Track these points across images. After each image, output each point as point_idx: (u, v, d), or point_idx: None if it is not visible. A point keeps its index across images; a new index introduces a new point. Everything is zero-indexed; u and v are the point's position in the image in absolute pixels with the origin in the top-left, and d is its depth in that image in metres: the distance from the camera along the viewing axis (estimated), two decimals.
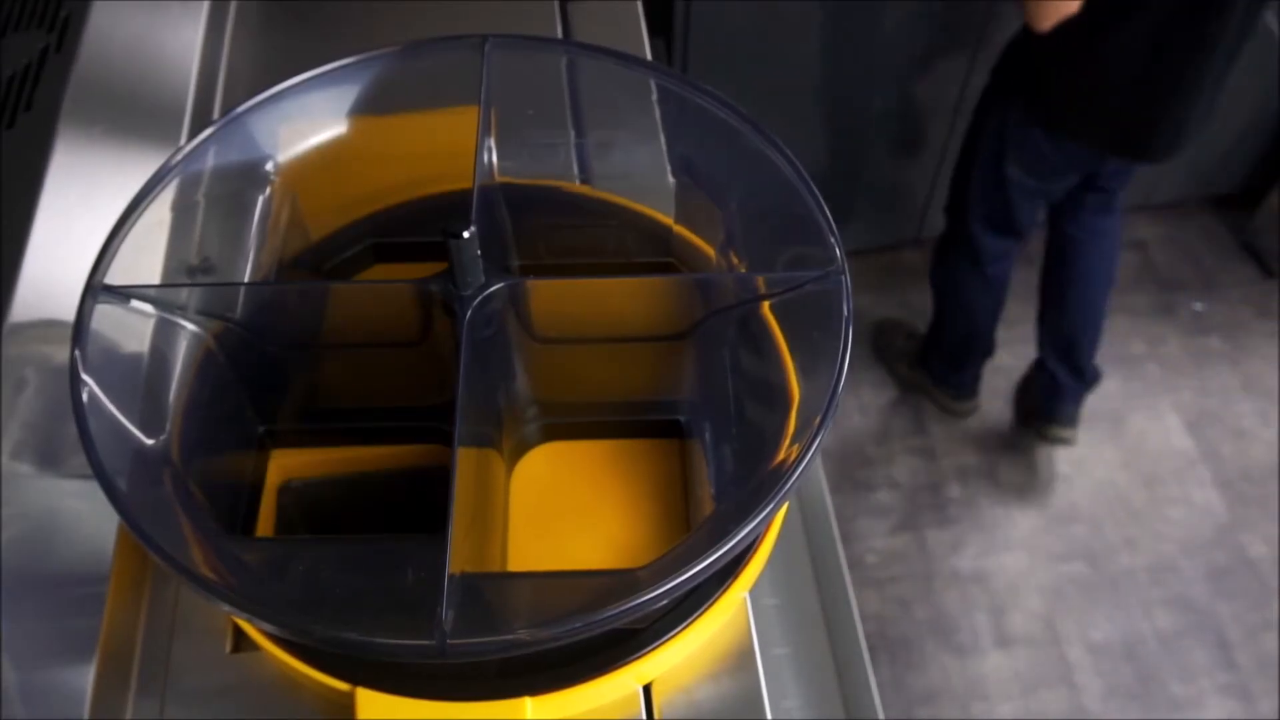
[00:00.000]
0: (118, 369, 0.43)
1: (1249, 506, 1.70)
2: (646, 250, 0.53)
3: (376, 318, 0.47)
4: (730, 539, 0.37)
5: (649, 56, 0.68)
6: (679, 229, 0.53)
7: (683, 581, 0.35)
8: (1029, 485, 1.72)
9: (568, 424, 0.50)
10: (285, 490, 0.49)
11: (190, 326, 0.46)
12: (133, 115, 0.59)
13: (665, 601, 0.36)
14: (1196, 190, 2.05)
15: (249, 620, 0.39)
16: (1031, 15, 1.17)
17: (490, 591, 0.40)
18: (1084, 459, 1.75)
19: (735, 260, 0.49)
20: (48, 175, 0.53)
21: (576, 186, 0.56)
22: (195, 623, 0.46)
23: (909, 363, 1.82)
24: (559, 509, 0.48)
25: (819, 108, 1.67)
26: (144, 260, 0.47)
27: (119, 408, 0.42)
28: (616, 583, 0.36)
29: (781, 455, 0.40)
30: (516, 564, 0.46)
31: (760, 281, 0.45)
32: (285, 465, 0.49)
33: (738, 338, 0.47)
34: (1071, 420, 1.69)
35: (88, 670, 0.43)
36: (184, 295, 0.45)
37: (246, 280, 0.50)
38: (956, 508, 1.71)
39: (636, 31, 0.70)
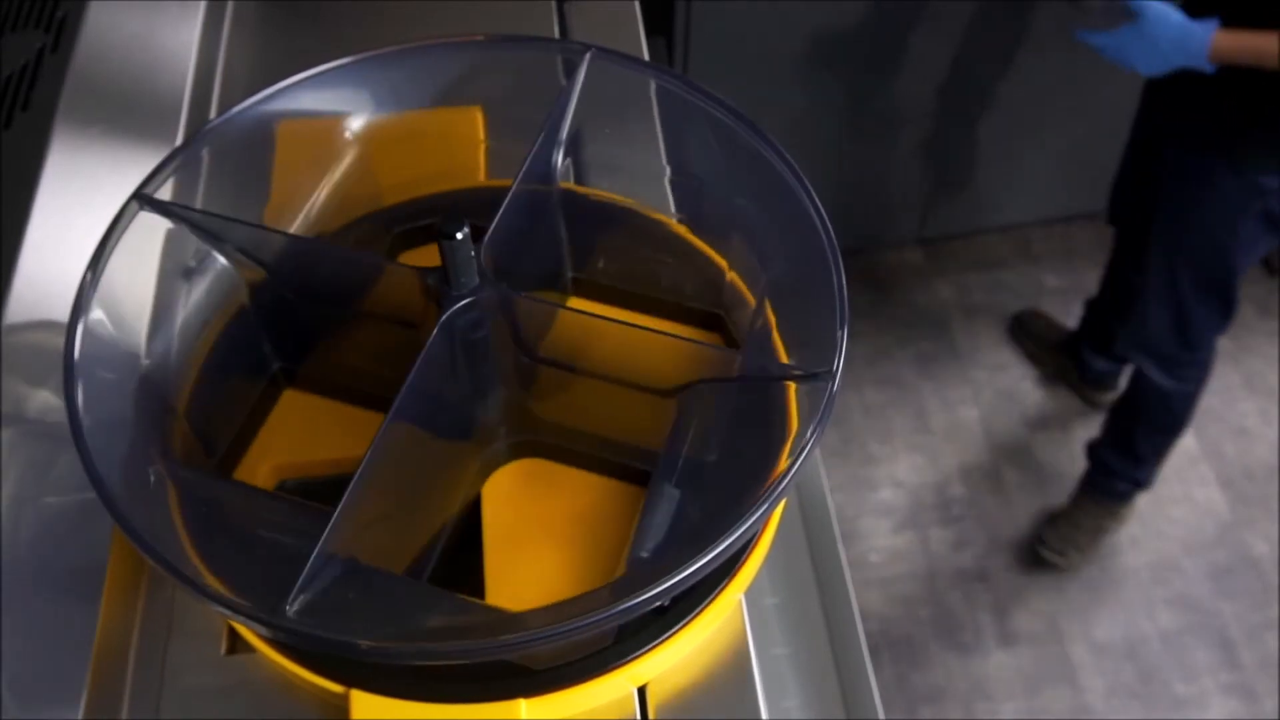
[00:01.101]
0: (127, 298, 0.45)
1: (1251, 505, 1.70)
2: (699, 293, 0.53)
3: (389, 294, 0.47)
4: (721, 543, 0.36)
5: (646, 57, 0.68)
6: (732, 276, 0.52)
7: (576, 629, 0.35)
8: (1034, 485, 1.72)
9: (547, 444, 0.49)
10: (280, 490, 0.49)
11: (221, 262, 0.48)
12: (129, 115, 0.59)
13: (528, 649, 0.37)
14: None
15: (246, 624, 0.39)
16: None
17: (366, 585, 0.40)
18: None
19: (770, 314, 0.49)
20: (44, 175, 0.53)
21: (650, 211, 0.55)
22: (191, 624, 0.46)
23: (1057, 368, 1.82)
24: (525, 523, 0.47)
25: (820, 106, 1.67)
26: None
27: (121, 333, 0.43)
28: (494, 620, 0.36)
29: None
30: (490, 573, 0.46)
31: (739, 362, 0.45)
32: (280, 466, 0.49)
33: (733, 407, 0.46)
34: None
35: (83, 670, 0.43)
36: (227, 229, 0.46)
37: (294, 231, 0.51)
38: (959, 506, 1.70)
39: (634, 31, 0.70)
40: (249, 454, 0.49)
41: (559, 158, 0.50)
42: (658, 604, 0.37)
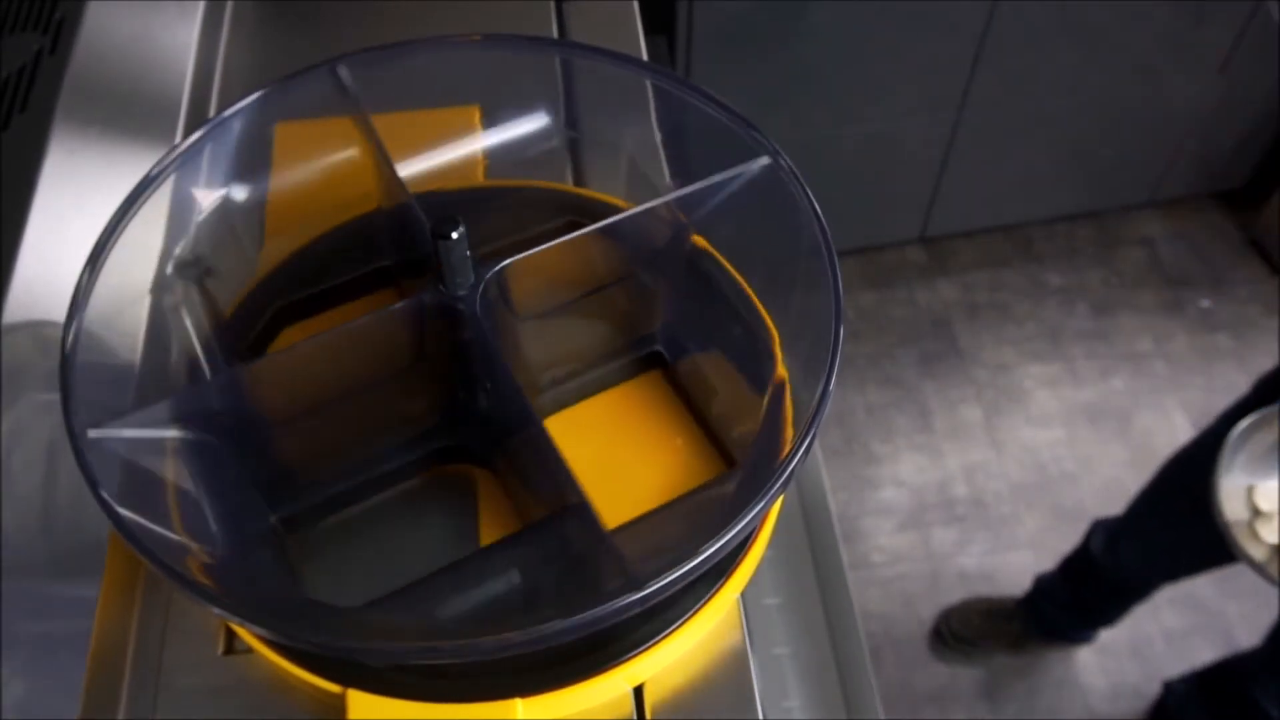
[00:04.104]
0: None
1: None
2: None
3: (364, 357, 0.46)
4: (728, 531, 0.37)
5: (644, 56, 0.68)
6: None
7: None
8: (1036, 485, 1.72)
9: (562, 393, 0.50)
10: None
11: (184, 435, 0.43)
12: (127, 116, 0.59)
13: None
14: (1203, 185, 2.04)
15: (243, 625, 0.39)
16: None
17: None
18: (1090, 457, 1.75)
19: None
20: (42, 177, 0.53)
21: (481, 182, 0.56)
22: (187, 624, 0.46)
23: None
24: (588, 469, 0.48)
25: (821, 106, 1.67)
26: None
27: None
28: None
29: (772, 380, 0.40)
30: None
31: (677, 208, 0.47)
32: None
33: (687, 261, 0.49)
34: None
35: (80, 670, 0.43)
36: (162, 411, 0.42)
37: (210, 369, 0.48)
38: (963, 506, 1.70)
39: (633, 31, 0.70)
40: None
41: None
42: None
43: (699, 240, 0.49)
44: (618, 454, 0.48)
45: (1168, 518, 1.26)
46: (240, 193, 0.51)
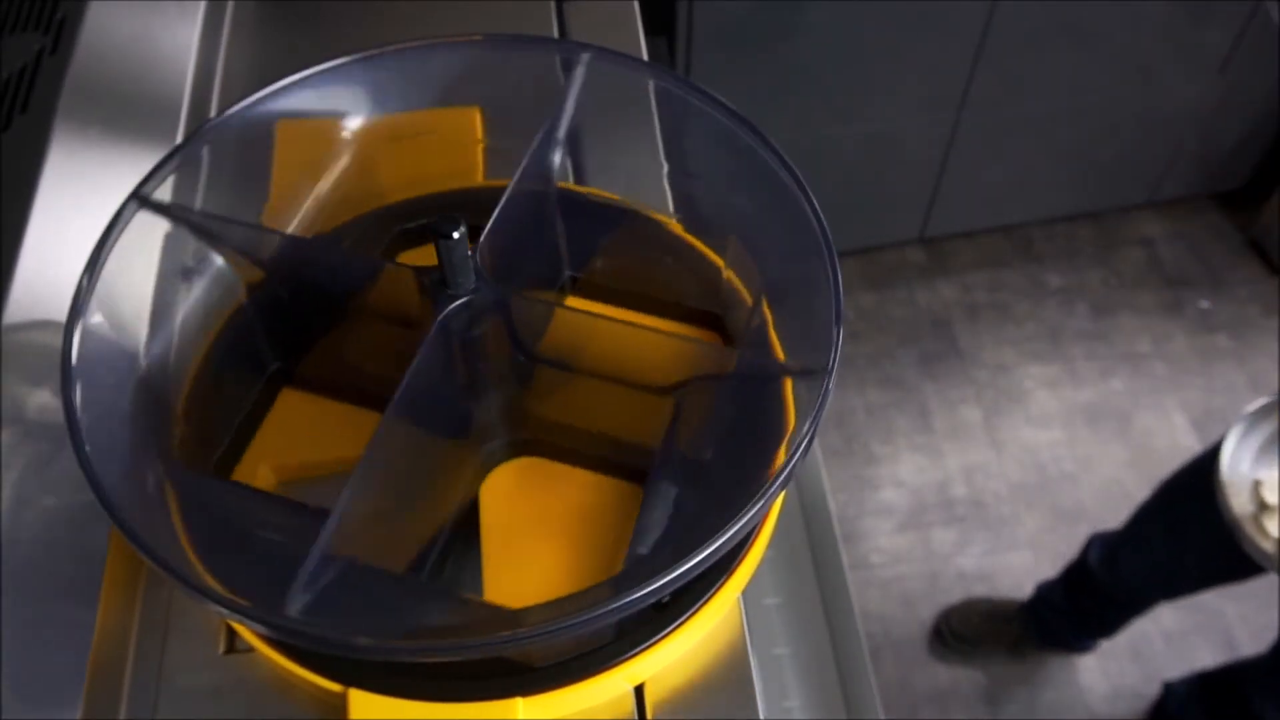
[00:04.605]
0: (125, 299, 0.45)
1: None
2: (697, 293, 0.53)
3: (387, 294, 0.47)
4: (720, 537, 0.36)
5: (645, 57, 0.68)
6: (729, 275, 0.52)
7: (573, 625, 0.36)
8: (1036, 486, 1.72)
9: (545, 443, 0.49)
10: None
11: (219, 263, 0.48)
12: (128, 116, 0.59)
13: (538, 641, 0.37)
14: (1203, 186, 2.05)
15: (238, 621, 0.39)
16: None
17: (364, 583, 0.41)
18: (1090, 458, 1.75)
19: (767, 312, 0.49)
20: (43, 177, 0.53)
21: (648, 210, 0.55)
22: (188, 623, 0.46)
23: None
24: (524, 520, 0.47)
25: (821, 106, 1.67)
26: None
27: (119, 334, 0.44)
28: (493, 617, 0.37)
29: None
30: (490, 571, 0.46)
31: (734, 359, 0.46)
32: (280, 466, 0.49)
33: (730, 405, 0.47)
34: None
35: (81, 670, 0.43)
36: (225, 230, 0.47)
37: (292, 231, 0.52)
38: (963, 506, 1.70)
39: (633, 31, 0.70)
40: (248, 454, 0.49)
41: (556, 158, 0.51)
42: (657, 599, 0.37)
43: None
44: (548, 528, 0.48)
45: (1172, 525, 1.26)
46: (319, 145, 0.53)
